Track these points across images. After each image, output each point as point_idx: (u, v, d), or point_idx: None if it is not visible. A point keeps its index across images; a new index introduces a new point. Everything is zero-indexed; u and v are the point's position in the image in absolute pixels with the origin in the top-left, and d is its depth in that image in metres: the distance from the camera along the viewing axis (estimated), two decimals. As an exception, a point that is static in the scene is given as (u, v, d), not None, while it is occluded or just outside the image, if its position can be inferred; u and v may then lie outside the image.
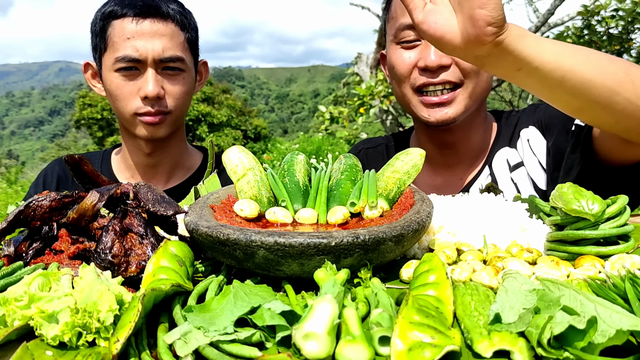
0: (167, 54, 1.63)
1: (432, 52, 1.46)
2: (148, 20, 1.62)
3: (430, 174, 1.73)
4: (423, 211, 0.89)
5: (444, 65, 1.47)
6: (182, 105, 1.72)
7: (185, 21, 1.71)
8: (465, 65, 1.46)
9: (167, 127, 1.70)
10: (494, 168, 1.63)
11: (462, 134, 1.64)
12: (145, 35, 1.61)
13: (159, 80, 1.64)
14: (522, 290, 0.64)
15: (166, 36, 1.64)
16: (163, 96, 1.65)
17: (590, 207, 0.87)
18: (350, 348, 0.56)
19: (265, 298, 0.68)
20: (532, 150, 1.60)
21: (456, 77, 1.48)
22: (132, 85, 1.64)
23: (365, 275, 0.78)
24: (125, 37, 1.62)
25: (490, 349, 0.56)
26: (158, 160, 1.83)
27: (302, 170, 1.12)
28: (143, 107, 1.64)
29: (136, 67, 1.63)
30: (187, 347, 0.58)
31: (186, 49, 1.71)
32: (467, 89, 1.50)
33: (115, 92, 1.66)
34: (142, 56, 1.61)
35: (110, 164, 1.89)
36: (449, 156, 1.69)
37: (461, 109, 1.51)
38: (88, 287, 0.64)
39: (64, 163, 1.05)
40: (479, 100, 1.56)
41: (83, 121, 26.60)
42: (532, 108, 1.66)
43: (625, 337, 0.54)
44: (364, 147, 1.92)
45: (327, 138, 14.16)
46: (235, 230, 0.78)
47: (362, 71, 9.89)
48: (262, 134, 29.96)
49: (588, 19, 8.19)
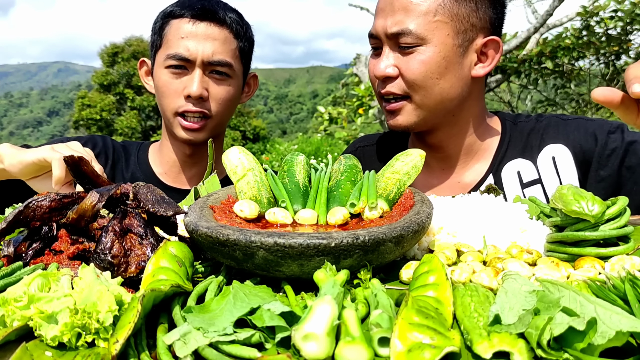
0: (217, 57, 1.67)
1: (381, 62, 1.49)
2: (204, 23, 1.67)
3: (425, 176, 1.71)
4: (423, 212, 0.89)
5: (390, 76, 1.48)
6: (225, 111, 1.75)
7: (240, 30, 1.75)
8: (409, 78, 1.46)
9: (207, 132, 1.73)
10: (503, 178, 1.59)
11: (447, 137, 1.61)
12: (199, 37, 1.66)
13: (204, 82, 1.67)
14: (522, 291, 0.64)
15: (218, 40, 1.68)
16: (207, 98, 1.68)
17: (590, 208, 0.87)
18: (350, 349, 0.55)
19: (264, 299, 0.68)
20: (556, 171, 1.54)
21: (400, 89, 1.48)
22: (179, 83, 1.68)
23: (364, 276, 0.78)
24: (179, 36, 1.67)
25: (490, 350, 0.56)
26: (197, 161, 1.87)
27: (302, 171, 1.12)
28: (185, 105, 1.68)
29: (185, 66, 1.67)
30: (187, 347, 0.58)
31: (236, 57, 1.75)
32: (414, 100, 1.49)
33: (162, 88, 1.71)
34: (192, 56, 1.65)
35: (147, 154, 1.92)
36: (440, 158, 1.67)
37: (412, 119, 1.51)
38: (87, 288, 0.64)
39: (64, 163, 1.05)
40: (439, 111, 1.51)
41: (82, 122, 26.59)
42: (562, 122, 1.59)
43: (625, 339, 0.54)
44: (361, 145, 1.91)
45: (326, 139, 14.16)
46: (234, 230, 0.78)
47: (360, 72, 9.89)
48: (261, 135, 29.96)
49: (587, 20, 8.20)
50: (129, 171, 1.86)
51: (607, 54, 8.68)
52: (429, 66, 1.44)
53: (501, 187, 1.58)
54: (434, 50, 1.43)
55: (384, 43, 1.50)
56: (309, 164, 1.20)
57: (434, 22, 1.43)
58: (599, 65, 9.40)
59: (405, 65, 1.46)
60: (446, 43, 1.44)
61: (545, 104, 11.61)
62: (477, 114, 1.62)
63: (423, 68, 1.44)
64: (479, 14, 1.47)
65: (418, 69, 1.44)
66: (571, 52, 8.66)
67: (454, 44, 1.45)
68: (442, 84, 1.46)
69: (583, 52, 8.68)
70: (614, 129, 1.49)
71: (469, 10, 1.45)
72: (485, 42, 1.49)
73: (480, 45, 1.49)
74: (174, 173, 1.88)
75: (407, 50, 1.45)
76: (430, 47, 1.43)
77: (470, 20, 1.46)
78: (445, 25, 1.43)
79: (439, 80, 1.46)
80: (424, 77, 1.45)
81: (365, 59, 9.99)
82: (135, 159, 1.89)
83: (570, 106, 11.08)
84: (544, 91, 11.47)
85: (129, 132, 25.32)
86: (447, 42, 1.44)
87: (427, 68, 1.44)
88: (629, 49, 8.49)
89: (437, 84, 1.46)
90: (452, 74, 1.47)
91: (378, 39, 1.52)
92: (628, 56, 8.73)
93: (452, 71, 1.46)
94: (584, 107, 10.55)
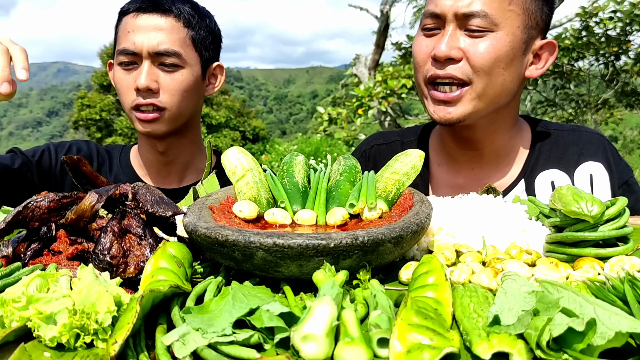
0: (162, 47, 1.65)
1: (444, 42, 1.39)
2: (147, 15, 1.66)
3: (452, 174, 1.65)
4: (422, 212, 0.89)
5: (454, 57, 1.39)
6: (181, 102, 1.71)
7: (192, 20, 1.72)
8: (476, 62, 1.38)
9: (164, 124, 1.70)
10: (536, 187, 1.55)
11: (484, 135, 1.55)
12: (144, 29, 1.65)
13: (153, 74, 1.65)
14: (521, 292, 0.64)
15: (164, 30, 1.66)
16: (157, 90, 1.66)
17: (590, 208, 0.87)
18: (349, 350, 0.55)
19: (263, 299, 0.68)
20: (592, 189, 1.53)
21: (463, 74, 1.39)
22: (130, 78, 1.67)
23: (364, 277, 0.78)
24: (127, 31, 1.66)
25: (489, 351, 0.56)
26: (171, 160, 1.84)
27: (301, 172, 1.12)
28: (137, 98, 1.66)
29: (135, 61, 1.66)
30: (186, 348, 0.58)
31: (187, 46, 1.72)
32: (475, 89, 1.40)
33: (118, 85, 1.71)
34: (138, 49, 1.64)
35: (129, 158, 1.91)
36: (472, 156, 1.60)
37: (468, 110, 1.42)
38: (86, 289, 0.64)
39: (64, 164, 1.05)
40: (493, 104, 1.45)
41: (81, 122, 26.56)
42: (601, 141, 1.59)
43: (624, 340, 0.54)
44: (376, 143, 1.81)
45: (326, 139, 14.16)
46: (234, 231, 0.78)
47: (360, 72, 9.90)
48: (260, 135, 29.95)
49: (586, 20, 8.21)
50: (112, 174, 1.85)
51: (607, 55, 8.69)
52: (499, 53, 1.38)
53: (533, 195, 1.54)
54: (505, 39, 1.38)
55: (448, 23, 1.41)
56: (308, 164, 1.19)
57: (509, 11, 1.38)
58: (599, 65, 9.41)
59: (474, 49, 1.38)
60: (516, 35, 1.39)
61: (544, 104, 11.62)
62: (514, 115, 1.58)
63: (494, 54, 1.37)
64: (542, 14, 1.45)
65: (488, 54, 1.37)
66: (571, 53, 8.68)
67: (521, 37, 1.40)
68: (505, 76, 1.41)
69: (582, 52, 8.69)
70: (630, 182, 1.55)
71: (537, 8, 1.42)
72: (542, 45, 1.47)
73: (538, 47, 1.47)
74: (153, 173, 1.87)
75: (476, 34, 1.38)
76: (501, 35, 1.38)
77: (536, 18, 1.43)
78: (517, 16, 1.39)
79: (504, 71, 1.40)
80: (493, 64, 1.38)
81: (365, 59, 9.99)
82: (117, 162, 1.89)
83: (570, 107, 11.09)
84: (544, 91, 11.47)
85: (128, 133, 25.29)
86: (517, 34, 1.39)
87: (497, 55, 1.38)
88: (629, 50, 8.49)
89: (501, 74, 1.40)
90: (514, 68, 1.42)
91: (438, 18, 1.42)
92: (627, 57, 8.74)
93: (515, 65, 1.42)
94: (584, 107, 10.56)
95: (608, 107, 10.41)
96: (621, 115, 10.77)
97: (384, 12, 9.24)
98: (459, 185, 1.62)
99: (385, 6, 9.25)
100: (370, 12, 10.30)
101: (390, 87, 7.85)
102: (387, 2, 9.28)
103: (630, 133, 17.28)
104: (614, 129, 20.01)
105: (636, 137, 16.61)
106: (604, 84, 9.91)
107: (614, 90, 9.63)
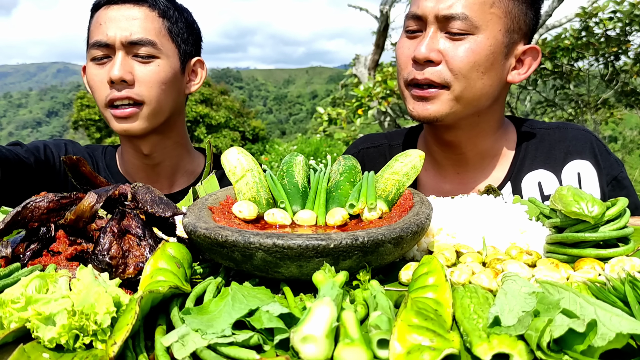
0: (136, 36, 1.58)
1: (424, 44, 1.38)
2: (119, 5, 1.61)
3: (438, 179, 1.64)
4: (422, 213, 0.89)
5: (433, 60, 1.37)
6: (160, 95, 1.62)
7: (167, 10, 1.66)
8: (454, 66, 1.37)
9: (142, 120, 1.61)
10: (523, 188, 1.55)
11: (466, 137, 1.54)
12: (116, 20, 1.59)
13: (127, 65, 1.58)
14: (522, 292, 0.64)
15: (138, 19, 1.60)
16: (133, 82, 1.58)
17: (590, 209, 0.87)
18: (349, 351, 0.55)
19: (263, 300, 0.68)
20: (580, 187, 1.48)
21: (440, 79, 1.38)
22: (104, 72, 1.59)
23: (364, 278, 0.78)
24: (98, 24, 1.60)
25: (490, 352, 0.56)
26: (157, 162, 1.77)
27: (301, 172, 1.12)
28: (111, 92, 1.58)
29: (108, 55, 1.59)
30: (185, 349, 0.57)
31: (163, 36, 1.65)
32: (453, 91, 1.39)
33: (90, 82, 1.63)
34: (111, 40, 1.57)
35: (116, 161, 1.84)
36: (456, 160, 1.60)
37: (445, 110, 1.41)
38: (85, 289, 0.63)
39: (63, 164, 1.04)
40: (472, 107, 1.44)
41: (81, 122, 26.54)
42: (588, 137, 1.57)
43: (625, 341, 0.54)
44: (364, 147, 1.80)
45: (325, 139, 14.17)
46: (233, 231, 0.78)
47: (360, 73, 9.90)
48: (260, 135, 29.94)
49: (586, 20, 8.21)
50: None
51: (606, 55, 8.70)
52: (478, 57, 1.37)
53: (521, 197, 1.51)
54: (486, 43, 1.37)
55: (429, 25, 1.40)
56: (308, 164, 1.19)
57: (490, 14, 1.36)
58: (598, 65, 9.42)
59: (453, 52, 1.37)
60: (497, 38, 1.38)
61: (544, 104, 11.63)
62: (498, 118, 1.57)
63: (472, 58, 1.36)
64: (526, 18, 1.43)
65: (467, 58, 1.36)
66: (570, 53, 8.67)
67: (502, 41, 1.39)
68: (484, 80, 1.40)
69: (582, 52, 8.69)
70: (619, 178, 1.54)
71: (520, 12, 1.41)
72: (526, 50, 1.45)
73: (521, 52, 1.45)
74: (142, 179, 1.78)
75: (456, 37, 1.37)
76: (481, 38, 1.37)
77: (519, 22, 1.41)
78: (499, 19, 1.38)
79: (483, 75, 1.39)
80: (471, 68, 1.37)
81: (364, 59, 9.99)
82: (104, 165, 1.81)
83: (570, 107, 11.09)
84: (543, 92, 11.48)
85: (128, 133, 25.29)
86: (498, 37, 1.38)
87: (476, 59, 1.37)
88: (628, 50, 8.50)
89: (480, 78, 1.39)
90: (494, 73, 1.41)
91: (420, 20, 1.42)
92: (627, 57, 8.75)
93: (495, 69, 1.41)
94: (584, 107, 10.56)
95: (608, 107, 10.42)
96: (621, 115, 10.78)
97: (384, 13, 9.24)
98: (445, 191, 1.60)
99: (385, 6, 9.25)
100: (370, 12, 10.29)
101: (390, 87, 7.85)
102: (387, 2, 9.28)
103: (630, 133, 17.27)
104: (613, 129, 19.99)
105: (636, 137, 16.60)
106: (604, 84, 9.91)
107: (614, 90, 9.63)
